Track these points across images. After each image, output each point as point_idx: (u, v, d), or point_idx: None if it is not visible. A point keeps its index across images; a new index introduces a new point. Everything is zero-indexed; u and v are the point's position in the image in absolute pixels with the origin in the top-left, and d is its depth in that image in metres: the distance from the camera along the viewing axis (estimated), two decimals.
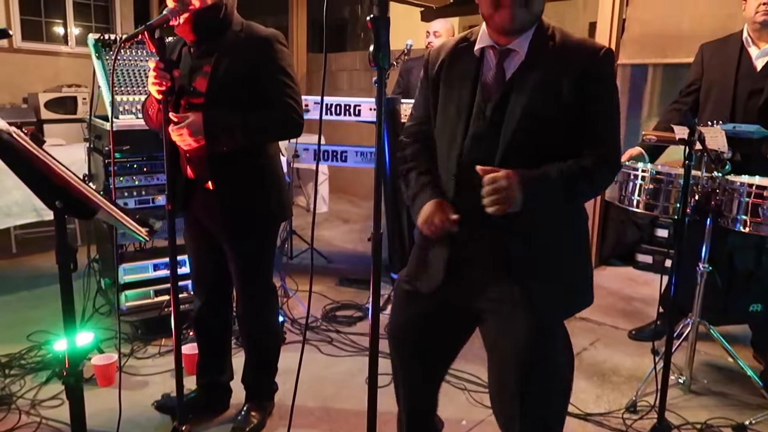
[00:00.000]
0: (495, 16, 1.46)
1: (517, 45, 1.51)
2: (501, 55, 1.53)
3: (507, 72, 1.53)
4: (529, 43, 1.51)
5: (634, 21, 4.31)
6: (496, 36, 1.54)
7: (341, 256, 4.78)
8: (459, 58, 1.62)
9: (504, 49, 1.52)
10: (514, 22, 1.45)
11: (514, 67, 1.52)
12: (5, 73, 6.26)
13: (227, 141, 1.99)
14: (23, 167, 1.24)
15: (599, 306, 3.83)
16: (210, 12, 2.00)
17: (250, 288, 2.25)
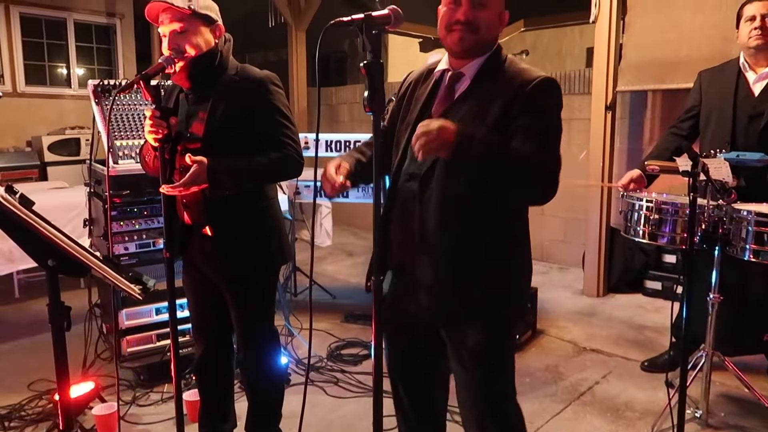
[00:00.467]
0: (447, 39, 1.59)
1: (466, 69, 1.61)
2: (452, 78, 1.63)
3: (455, 94, 1.63)
4: (479, 68, 1.60)
5: (631, 48, 4.33)
6: (452, 60, 1.64)
7: (346, 291, 4.74)
8: (424, 80, 1.74)
9: (456, 72, 1.62)
10: (462, 44, 1.56)
11: (462, 90, 1.62)
12: (10, 117, 6.34)
13: (230, 187, 1.98)
14: (13, 228, 1.21)
15: (609, 336, 3.77)
16: (205, 59, 2.00)
17: (251, 334, 2.21)
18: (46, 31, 6.71)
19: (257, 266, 2.13)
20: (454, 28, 1.56)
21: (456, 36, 1.56)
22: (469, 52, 1.59)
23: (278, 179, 2.21)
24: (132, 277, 1.23)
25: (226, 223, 2.06)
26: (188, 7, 1.96)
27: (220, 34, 2.07)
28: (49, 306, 1.31)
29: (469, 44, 1.57)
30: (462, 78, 1.62)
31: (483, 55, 1.61)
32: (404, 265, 1.67)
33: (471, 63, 1.61)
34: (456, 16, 1.55)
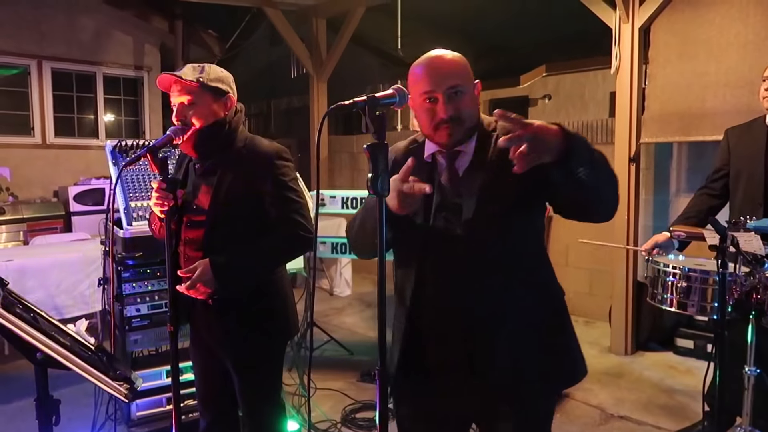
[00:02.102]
0: (435, 137, 1.54)
1: (464, 147, 1.56)
2: (450, 156, 1.58)
3: (459, 171, 1.58)
4: (475, 141, 1.56)
5: (655, 99, 4.25)
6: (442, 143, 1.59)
7: (364, 347, 4.62)
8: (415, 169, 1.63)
9: (452, 151, 1.57)
10: (452, 138, 1.52)
11: (465, 163, 1.57)
12: (38, 168, 6.49)
13: (240, 283, 1.96)
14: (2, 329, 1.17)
15: (639, 400, 3.57)
16: (212, 130, 1.99)
17: (255, 409, 2.13)
18: (76, 84, 6.91)
19: (262, 341, 2.06)
20: (440, 127, 1.51)
21: (444, 133, 1.51)
22: (460, 142, 1.54)
23: (287, 261, 2.14)
24: (120, 375, 1.17)
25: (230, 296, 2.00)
26: (197, 79, 1.96)
27: (231, 105, 2.05)
28: (36, 401, 1.25)
29: (459, 136, 1.53)
30: (461, 154, 1.57)
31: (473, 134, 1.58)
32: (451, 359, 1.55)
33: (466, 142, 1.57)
34: (438, 115, 1.50)
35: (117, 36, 7.09)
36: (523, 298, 1.52)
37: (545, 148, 1.23)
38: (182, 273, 1.91)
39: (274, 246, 2.00)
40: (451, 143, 1.53)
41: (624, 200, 4.33)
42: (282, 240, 2.00)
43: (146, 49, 7.32)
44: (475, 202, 1.51)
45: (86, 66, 6.88)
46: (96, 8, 6.83)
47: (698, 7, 3.97)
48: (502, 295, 1.50)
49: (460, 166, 1.58)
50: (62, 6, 6.58)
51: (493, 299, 1.50)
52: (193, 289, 1.90)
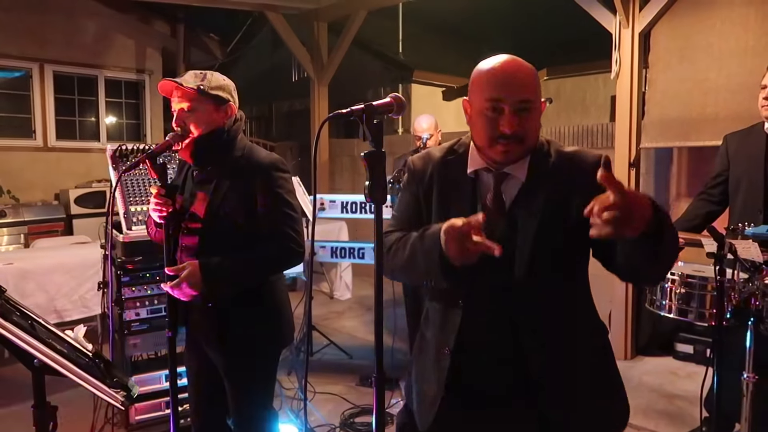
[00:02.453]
0: (489, 151, 1.42)
1: (514, 169, 1.44)
2: (497, 178, 1.45)
3: (505, 195, 1.45)
4: (528, 166, 1.44)
5: (655, 104, 4.25)
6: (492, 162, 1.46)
7: (363, 351, 4.61)
8: (450, 172, 1.53)
9: (500, 172, 1.45)
10: (507, 157, 1.40)
11: (513, 190, 1.45)
12: (40, 171, 6.51)
13: (227, 289, 1.96)
14: None
15: (639, 405, 3.56)
16: (210, 137, 1.99)
17: (246, 416, 2.12)
18: (77, 87, 6.94)
19: (255, 350, 2.06)
20: (498, 142, 1.38)
21: (500, 149, 1.39)
22: (516, 161, 1.43)
23: (276, 273, 2.12)
24: (116, 382, 1.17)
25: (224, 301, 2.01)
26: (197, 87, 1.97)
27: (231, 113, 2.05)
28: (34, 408, 1.25)
29: (515, 157, 1.41)
30: (508, 176, 1.45)
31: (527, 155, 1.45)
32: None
33: (517, 162, 1.44)
34: (500, 128, 1.36)
35: (119, 39, 7.12)
36: (576, 343, 1.46)
37: (631, 221, 1.10)
38: (169, 270, 1.91)
39: (264, 257, 2.00)
40: (503, 161, 1.41)
41: None
42: (273, 252, 2.00)
43: (148, 52, 7.35)
44: (532, 237, 1.39)
45: (88, 69, 6.91)
46: (98, 12, 6.87)
47: (699, 12, 3.98)
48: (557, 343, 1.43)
49: (507, 190, 1.45)
50: (65, 10, 6.61)
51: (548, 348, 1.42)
52: (178, 288, 1.90)
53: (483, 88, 1.39)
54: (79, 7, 6.70)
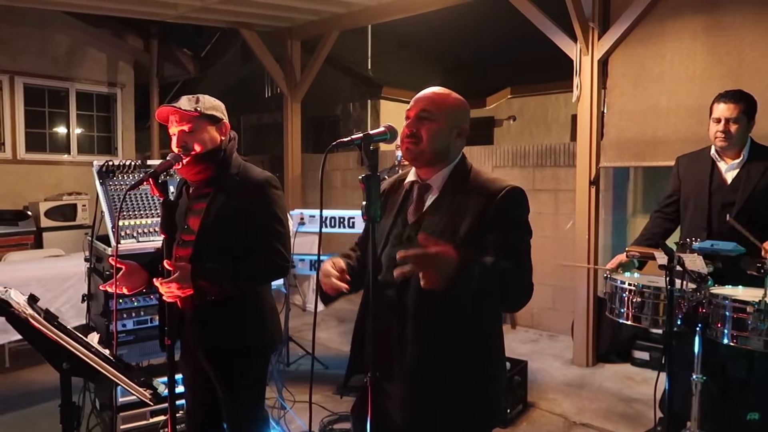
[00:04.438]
0: (402, 150, 1.74)
1: (432, 180, 1.73)
2: (421, 189, 1.75)
3: (426, 203, 1.73)
4: (444, 180, 1.72)
5: (612, 127, 4.56)
6: (418, 171, 1.76)
7: (338, 361, 4.74)
8: (395, 190, 1.84)
9: (423, 183, 1.74)
10: (407, 153, 1.70)
11: (431, 200, 1.72)
12: (8, 183, 6.45)
13: (215, 292, 2.06)
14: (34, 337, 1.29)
15: (599, 409, 3.81)
16: (209, 155, 2.12)
17: (239, 421, 2.24)
18: (48, 100, 6.91)
19: (244, 357, 2.18)
20: (404, 140, 1.70)
21: (404, 147, 1.70)
22: (417, 161, 1.71)
23: (262, 284, 2.25)
24: (143, 381, 1.30)
25: (213, 311, 2.12)
26: (195, 109, 2.11)
27: (226, 131, 2.20)
28: (61, 407, 1.37)
29: (413, 154, 1.69)
30: (430, 189, 1.73)
31: (444, 166, 1.72)
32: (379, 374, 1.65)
33: (436, 175, 1.72)
34: (404, 129, 1.70)
35: (91, 53, 7.13)
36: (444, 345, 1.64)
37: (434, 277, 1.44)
38: (168, 263, 1.99)
39: (252, 268, 2.13)
40: (408, 159, 1.71)
41: (585, 221, 4.61)
42: (260, 264, 2.13)
43: (120, 66, 7.38)
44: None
45: (59, 82, 6.91)
46: (71, 25, 6.88)
47: (651, 43, 4.30)
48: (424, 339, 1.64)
49: (427, 200, 1.72)
50: (37, 22, 6.60)
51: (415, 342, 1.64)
52: (168, 284, 1.98)
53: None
54: (51, 20, 6.70)
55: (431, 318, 1.63)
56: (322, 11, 6.14)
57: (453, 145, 1.72)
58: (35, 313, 1.21)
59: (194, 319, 2.14)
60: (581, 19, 4.42)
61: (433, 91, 1.74)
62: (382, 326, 1.64)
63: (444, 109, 1.70)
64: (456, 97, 1.75)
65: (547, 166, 5.50)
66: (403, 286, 1.65)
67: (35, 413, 3.69)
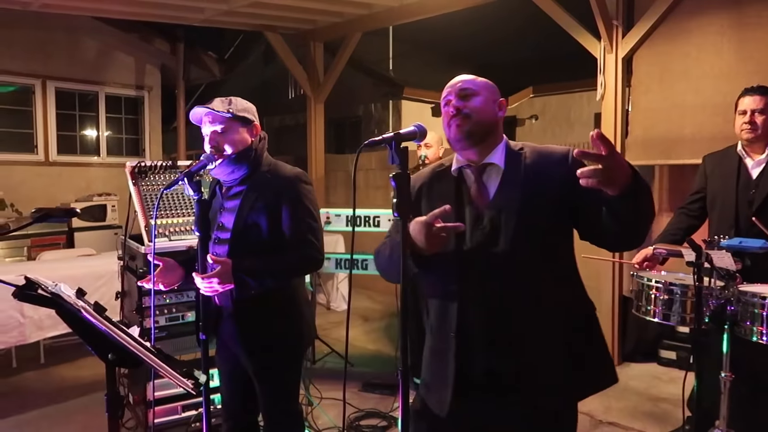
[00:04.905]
0: (450, 135, 1.69)
1: (492, 158, 1.68)
2: (478, 170, 1.70)
3: (488, 185, 1.68)
4: (504, 154, 1.68)
5: (637, 125, 4.53)
6: (467, 154, 1.70)
7: (363, 358, 4.80)
8: (437, 180, 1.78)
9: (481, 164, 1.69)
10: (461, 129, 1.64)
11: (496, 180, 1.67)
12: (41, 185, 6.63)
13: (256, 286, 2.12)
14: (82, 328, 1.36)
15: (626, 408, 3.79)
16: (241, 155, 2.19)
17: (275, 415, 2.30)
18: (78, 103, 7.09)
19: (281, 352, 2.24)
20: (451, 122, 1.67)
21: (454, 126, 1.66)
22: (472, 136, 1.65)
23: (298, 277, 2.32)
24: (186, 372, 1.36)
25: (251, 306, 2.18)
26: (227, 110, 2.17)
27: (256, 132, 2.26)
28: (107, 396, 1.43)
29: (467, 128, 1.64)
30: (489, 168, 1.68)
31: (497, 143, 1.68)
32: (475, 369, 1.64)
33: (493, 151, 1.67)
34: (449, 111, 1.67)
35: (120, 57, 7.30)
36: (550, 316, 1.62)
37: (615, 178, 1.32)
38: (212, 257, 2.03)
39: (289, 261, 2.18)
40: (462, 136, 1.64)
41: None
42: (296, 258, 2.19)
43: (147, 69, 7.53)
44: (515, 218, 1.59)
45: (89, 85, 7.08)
46: (100, 30, 7.04)
47: (676, 40, 4.27)
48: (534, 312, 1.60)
49: (490, 181, 1.68)
50: (68, 27, 6.78)
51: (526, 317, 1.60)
52: (209, 280, 2.03)
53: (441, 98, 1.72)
54: (81, 25, 6.87)
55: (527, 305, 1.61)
56: (345, 13, 6.20)
57: (498, 118, 1.71)
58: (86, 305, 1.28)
59: (231, 314, 2.20)
60: (605, 18, 4.40)
61: (462, 76, 1.74)
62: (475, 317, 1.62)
63: (481, 84, 1.71)
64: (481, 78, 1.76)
65: None
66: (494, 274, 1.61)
67: (70, 407, 3.81)
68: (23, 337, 4.02)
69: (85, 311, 1.22)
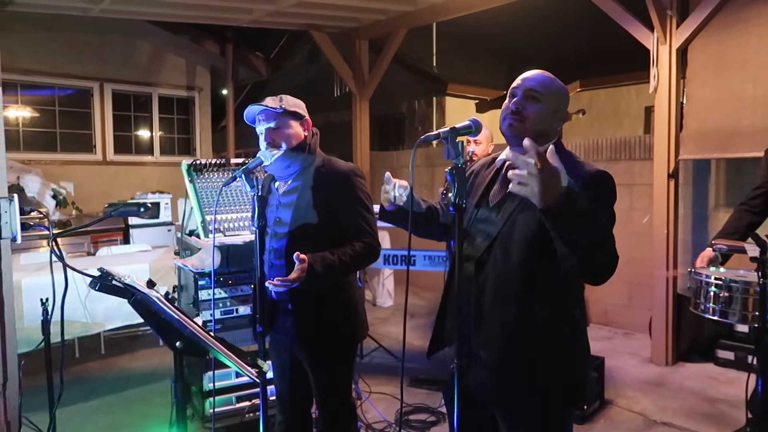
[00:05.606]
0: (501, 126, 1.74)
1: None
2: (509, 168, 1.68)
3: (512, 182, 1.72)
4: None
5: (692, 117, 4.40)
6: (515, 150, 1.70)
7: (410, 354, 4.77)
8: (485, 168, 1.87)
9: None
10: (509, 129, 1.70)
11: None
12: (98, 184, 6.91)
13: (328, 279, 2.16)
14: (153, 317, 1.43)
15: (681, 408, 3.70)
16: (296, 150, 2.24)
17: (328, 406, 2.35)
18: (133, 104, 7.36)
19: (336, 345, 2.28)
20: (506, 117, 1.71)
21: (507, 123, 1.70)
22: (515, 138, 1.68)
23: (360, 268, 2.37)
24: (250, 361, 1.41)
25: (306, 300, 2.23)
26: (280, 106, 2.23)
27: (308, 127, 2.31)
28: (174, 383, 1.50)
29: (515, 131, 1.68)
30: None
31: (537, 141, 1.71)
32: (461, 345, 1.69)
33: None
34: (509, 105, 1.71)
35: (171, 59, 7.53)
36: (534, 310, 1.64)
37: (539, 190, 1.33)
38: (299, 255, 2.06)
39: (353, 254, 2.21)
40: (507, 134, 1.71)
41: (663, 215, 4.47)
42: (355, 250, 2.22)
43: (198, 70, 7.74)
44: (504, 219, 1.67)
45: (143, 87, 7.33)
46: (153, 33, 7.28)
47: (734, 29, 4.13)
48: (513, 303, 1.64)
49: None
50: (123, 31, 7.04)
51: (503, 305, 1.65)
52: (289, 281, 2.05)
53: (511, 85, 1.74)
54: (135, 28, 7.12)
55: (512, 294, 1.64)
56: (390, 10, 6.22)
57: (553, 128, 1.73)
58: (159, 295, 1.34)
59: (287, 307, 2.25)
60: (658, 8, 4.29)
61: (540, 72, 1.75)
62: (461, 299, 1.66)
63: (550, 91, 1.72)
64: (561, 83, 1.76)
65: (621, 160, 5.36)
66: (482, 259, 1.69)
67: (129, 396, 3.97)
68: (86, 328, 4.20)
69: (159, 301, 1.28)
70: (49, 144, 6.83)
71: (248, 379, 3.28)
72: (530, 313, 1.64)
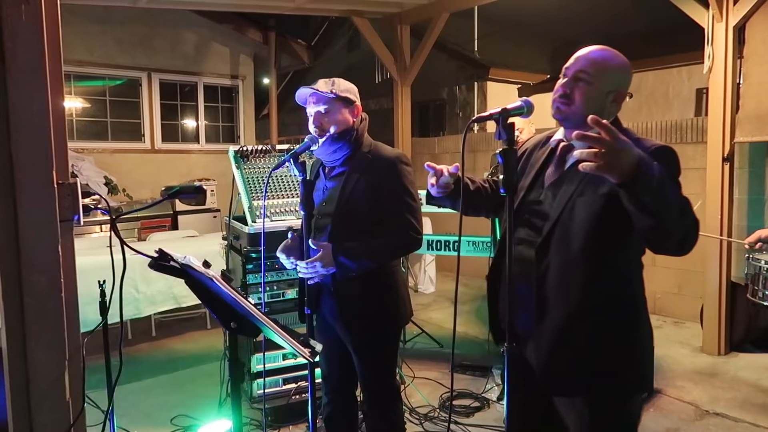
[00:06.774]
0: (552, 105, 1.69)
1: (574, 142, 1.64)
2: (564, 149, 1.71)
3: (566, 163, 1.69)
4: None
5: (750, 98, 4.22)
6: (567, 131, 1.69)
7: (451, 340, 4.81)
8: (539, 148, 1.83)
9: (569, 143, 1.69)
10: (556, 113, 1.68)
11: (572, 161, 1.66)
12: (148, 172, 7.11)
13: (356, 269, 2.18)
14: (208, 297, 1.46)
15: (735, 399, 3.59)
16: (343, 135, 2.25)
17: (374, 389, 2.37)
18: (179, 94, 7.52)
19: (380, 328, 2.30)
20: (554, 98, 1.67)
21: (556, 105, 1.66)
22: (567, 120, 1.66)
23: (398, 257, 2.37)
24: (302, 341, 1.43)
25: (350, 284, 2.24)
26: (331, 91, 2.23)
27: (358, 113, 2.31)
28: (229, 362, 1.53)
29: (562, 115, 1.65)
30: (573, 149, 1.63)
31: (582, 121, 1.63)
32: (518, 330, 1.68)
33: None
34: (558, 87, 1.66)
35: (215, 48, 7.65)
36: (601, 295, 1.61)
37: (614, 164, 1.27)
38: (313, 243, 2.14)
39: (388, 242, 2.23)
40: (555, 117, 1.67)
41: (717, 200, 4.31)
42: (396, 238, 2.23)
43: (241, 59, 7.85)
44: (564, 202, 1.62)
45: (189, 76, 7.48)
46: (198, 23, 7.41)
47: None
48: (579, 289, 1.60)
49: (570, 159, 1.67)
50: (169, 22, 7.19)
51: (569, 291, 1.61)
52: (311, 264, 2.14)
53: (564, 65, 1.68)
54: (181, 19, 7.25)
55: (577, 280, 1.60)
56: None
57: (607, 109, 1.64)
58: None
59: (333, 292, 2.28)
60: None
61: (596, 49, 1.67)
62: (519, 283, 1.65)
63: (603, 71, 1.63)
64: (619, 60, 1.66)
65: (672, 143, 5.17)
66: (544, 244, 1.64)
67: (180, 377, 4.10)
68: (138, 311, 4.36)
69: (216, 280, 1.31)
70: (101, 133, 7.05)
71: (294, 362, 3.38)
72: (597, 298, 1.61)
